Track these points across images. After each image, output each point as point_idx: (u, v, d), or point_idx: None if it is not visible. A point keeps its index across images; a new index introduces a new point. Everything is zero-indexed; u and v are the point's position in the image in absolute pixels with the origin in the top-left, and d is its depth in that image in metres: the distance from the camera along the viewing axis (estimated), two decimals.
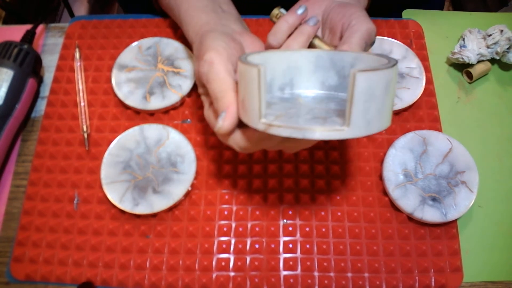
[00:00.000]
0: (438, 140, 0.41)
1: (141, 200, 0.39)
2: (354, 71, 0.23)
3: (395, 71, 0.26)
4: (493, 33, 0.46)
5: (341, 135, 0.24)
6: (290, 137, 0.25)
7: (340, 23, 0.35)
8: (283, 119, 0.26)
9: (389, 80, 0.25)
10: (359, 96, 0.23)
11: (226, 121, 0.29)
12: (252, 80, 0.25)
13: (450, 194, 0.39)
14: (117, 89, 0.45)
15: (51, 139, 0.44)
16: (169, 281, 0.38)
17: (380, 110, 0.25)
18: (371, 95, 0.24)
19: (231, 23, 0.37)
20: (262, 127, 0.26)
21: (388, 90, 0.25)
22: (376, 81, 0.24)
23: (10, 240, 0.41)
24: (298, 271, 0.38)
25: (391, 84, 0.25)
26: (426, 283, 0.38)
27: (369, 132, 0.25)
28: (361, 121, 0.24)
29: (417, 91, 0.44)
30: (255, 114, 0.26)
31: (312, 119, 0.27)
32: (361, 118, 0.24)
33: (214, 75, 0.31)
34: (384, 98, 0.25)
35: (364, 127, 0.25)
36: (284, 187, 0.42)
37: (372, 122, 0.25)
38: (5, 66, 0.43)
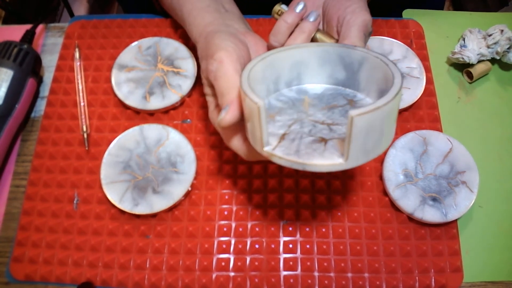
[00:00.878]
0: (438, 140, 0.41)
1: (141, 200, 0.39)
2: (351, 116, 0.23)
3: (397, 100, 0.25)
4: (493, 33, 0.46)
5: (340, 168, 0.25)
6: (291, 167, 0.26)
7: (336, 16, 0.35)
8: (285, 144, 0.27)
9: (390, 112, 0.25)
10: (357, 135, 0.24)
11: (229, 114, 0.29)
12: (254, 113, 0.26)
13: (450, 194, 0.39)
14: (117, 89, 0.45)
15: (50, 139, 0.44)
16: (169, 281, 0.38)
17: (379, 139, 0.26)
18: (370, 131, 0.24)
19: (234, 23, 0.37)
20: (265, 155, 0.27)
21: (388, 119, 0.26)
22: (375, 119, 0.24)
23: (10, 240, 0.41)
24: (298, 271, 0.38)
25: (392, 113, 0.26)
26: (426, 283, 0.38)
27: (368, 160, 0.26)
28: (360, 154, 0.25)
29: (418, 91, 0.44)
30: (259, 142, 0.27)
31: (313, 143, 0.27)
32: (360, 151, 0.25)
33: (222, 73, 0.31)
34: (384, 127, 0.25)
35: (363, 157, 0.26)
36: (284, 187, 0.42)
37: (371, 151, 0.26)
38: (4, 66, 0.43)
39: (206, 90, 0.35)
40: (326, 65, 0.33)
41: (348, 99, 0.32)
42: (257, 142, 0.27)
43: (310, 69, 0.33)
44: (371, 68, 0.31)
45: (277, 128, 0.29)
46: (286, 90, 0.34)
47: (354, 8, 0.34)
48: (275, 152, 0.26)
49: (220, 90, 0.31)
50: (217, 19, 0.37)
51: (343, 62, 0.32)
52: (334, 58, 0.32)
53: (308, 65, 0.33)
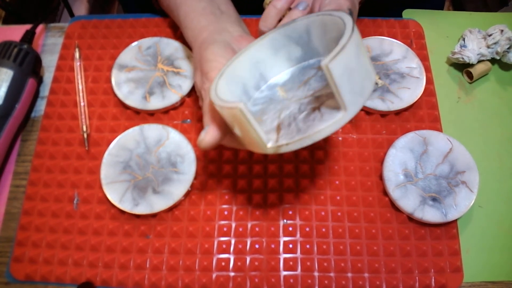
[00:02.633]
0: (438, 140, 0.41)
1: (141, 200, 0.39)
2: (325, 64, 0.23)
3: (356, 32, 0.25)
4: (493, 33, 0.46)
5: (344, 120, 0.25)
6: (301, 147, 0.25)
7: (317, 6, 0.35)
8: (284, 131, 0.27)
9: (357, 44, 0.25)
10: (341, 80, 0.24)
11: (208, 134, 0.30)
12: (240, 118, 0.26)
13: (450, 194, 0.39)
14: (117, 89, 0.45)
15: (50, 139, 0.44)
16: (169, 281, 0.38)
17: (363, 75, 0.26)
18: (350, 71, 0.24)
19: (229, 26, 0.37)
20: (272, 151, 0.26)
21: (360, 53, 0.25)
22: (348, 57, 0.24)
23: (10, 240, 0.41)
24: (298, 271, 0.38)
25: (359, 46, 0.25)
26: (426, 283, 0.38)
27: (364, 100, 0.26)
28: (353, 98, 0.25)
29: (418, 91, 0.44)
30: (260, 144, 0.26)
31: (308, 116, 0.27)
32: (352, 95, 0.25)
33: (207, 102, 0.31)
34: (360, 62, 0.25)
35: (358, 99, 0.25)
36: (284, 187, 0.42)
37: (362, 90, 0.25)
38: (5, 66, 0.43)
39: (200, 102, 0.35)
40: (280, 51, 0.33)
41: (315, 67, 0.32)
42: (258, 144, 0.27)
43: (268, 63, 0.33)
44: (319, 30, 0.30)
45: (269, 124, 0.29)
46: (257, 93, 0.33)
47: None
48: (279, 143, 0.26)
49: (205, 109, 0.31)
50: (213, 23, 0.36)
51: (292, 40, 0.32)
52: (283, 41, 0.32)
53: (264, 60, 0.33)
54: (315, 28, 0.31)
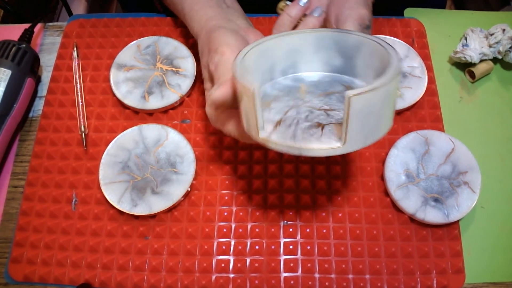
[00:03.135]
0: (440, 140, 0.41)
1: (139, 201, 0.39)
2: (349, 95, 0.22)
3: (395, 82, 0.25)
4: (495, 32, 0.46)
5: (338, 152, 0.25)
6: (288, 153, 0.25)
7: (335, 13, 0.34)
8: (281, 130, 0.26)
9: (388, 93, 0.24)
10: (355, 117, 0.23)
11: (219, 90, 0.29)
12: (248, 99, 0.25)
13: (452, 195, 0.39)
14: (116, 89, 0.44)
15: (49, 139, 0.44)
16: (168, 282, 0.38)
17: (378, 122, 0.25)
18: (368, 113, 0.24)
19: (236, 19, 0.37)
20: (261, 142, 0.26)
21: (387, 102, 0.25)
22: (373, 100, 0.23)
23: (8, 241, 0.40)
24: (298, 272, 0.38)
25: (390, 95, 0.25)
26: (428, 284, 0.37)
27: (366, 144, 0.25)
28: (358, 137, 0.24)
29: (419, 90, 0.44)
30: (254, 128, 0.26)
31: (310, 128, 0.26)
32: (358, 134, 0.24)
33: (223, 62, 0.31)
34: (382, 110, 0.25)
35: (362, 141, 0.25)
36: (284, 188, 0.41)
37: (370, 135, 0.25)
38: (3, 65, 0.43)
39: (206, 85, 0.35)
40: (322, 51, 0.32)
41: (346, 85, 0.31)
42: (252, 129, 0.27)
43: (305, 57, 0.32)
44: (368, 53, 0.30)
45: (273, 115, 0.28)
46: (282, 78, 0.33)
47: (352, 4, 0.34)
48: (271, 138, 0.26)
49: (218, 76, 0.31)
50: (219, 14, 0.36)
51: (339, 48, 0.32)
52: (329, 43, 0.32)
53: (303, 53, 0.32)
54: (365, 49, 0.30)
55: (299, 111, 0.29)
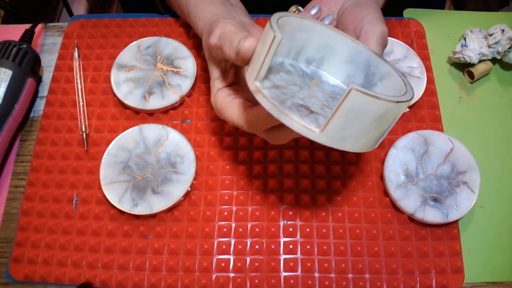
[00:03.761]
0: (439, 140, 0.41)
1: (140, 200, 0.39)
2: (352, 86, 0.22)
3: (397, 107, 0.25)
4: (494, 33, 0.46)
5: (311, 135, 0.24)
6: (269, 112, 0.25)
7: (352, 26, 0.34)
8: (275, 92, 0.26)
9: (386, 113, 0.24)
10: (344, 110, 0.23)
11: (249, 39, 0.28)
12: (266, 41, 0.25)
13: (451, 195, 0.39)
14: (116, 89, 0.44)
15: (49, 139, 0.44)
16: (168, 282, 0.38)
17: (361, 134, 0.25)
18: (359, 117, 0.24)
19: (240, 16, 0.37)
20: (252, 88, 0.26)
21: (380, 122, 0.25)
22: (369, 107, 0.23)
23: (9, 241, 0.40)
24: (298, 272, 0.38)
25: (386, 118, 0.25)
26: (427, 284, 0.38)
27: (339, 146, 0.25)
28: (336, 134, 0.24)
29: (418, 90, 0.44)
30: (254, 73, 0.26)
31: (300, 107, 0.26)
32: (337, 130, 0.24)
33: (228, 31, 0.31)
34: (372, 125, 0.25)
35: (337, 140, 0.25)
36: (284, 188, 0.41)
37: (348, 140, 0.25)
38: (4, 65, 0.43)
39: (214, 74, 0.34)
40: (351, 64, 0.32)
41: None
42: (253, 74, 0.26)
43: (334, 60, 0.32)
44: (388, 85, 0.30)
45: (277, 80, 0.28)
46: (303, 64, 0.32)
47: (371, 19, 0.33)
48: (262, 90, 0.26)
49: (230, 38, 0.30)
50: (224, 11, 0.37)
51: (367, 70, 0.31)
52: (362, 60, 0.31)
53: (335, 55, 0.32)
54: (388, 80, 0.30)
55: (300, 91, 0.29)
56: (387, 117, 0.25)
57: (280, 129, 0.31)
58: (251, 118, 0.31)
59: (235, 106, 0.32)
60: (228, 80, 0.34)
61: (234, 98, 0.33)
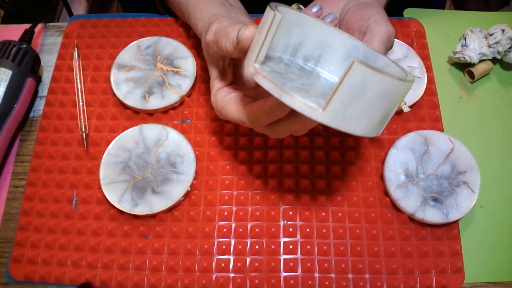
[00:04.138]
0: (439, 140, 0.41)
1: (140, 200, 0.39)
2: (355, 59, 0.21)
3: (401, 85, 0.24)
4: (494, 33, 0.46)
5: (313, 114, 0.23)
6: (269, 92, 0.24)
7: (357, 26, 0.34)
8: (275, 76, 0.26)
9: (389, 91, 0.23)
10: (347, 86, 0.22)
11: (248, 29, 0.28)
12: (266, 23, 0.25)
13: (451, 195, 0.39)
14: (116, 89, 0.44)
15: (49, 139, 0.44)
16: (168, 282, 0.38)
17: (364, 113, 0.24)
18: (361, 93, 0.23)
19: (239, 16, 0.37)
20: (251, 71, 0.26)
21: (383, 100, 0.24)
22: (372, 82, 0.22)
23: (9, 241, 0.40)
24: (298, 272, 0.38)
25: (389, 97, 0.24)
26: (427, 284, 0.38)
27: (342, 127, 0.24)
28: (338, 113, 0.23)
29: (419, 90, 0.44)
30: (253, 56, 0.26)
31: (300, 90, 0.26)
32: (340, 109, 0.23)
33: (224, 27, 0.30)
34: (375, 104, 0.24)
35: (339, 120, 0.23)
36: (285, 188, 0.41)
37: (350, 120, 0.24)
38: (3, 65, 0.43)
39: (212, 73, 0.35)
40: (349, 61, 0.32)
41: None
42: (252, 57, 0.26)
43: (332, 57, 0.32)
44: None
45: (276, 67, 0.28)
46: (301, 61, 0.32)
47: (377, 18, 0.33)
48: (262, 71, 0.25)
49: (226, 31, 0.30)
50: (223, 11, 0.37)
51: None
52: (360, 56, 0.31)
53: (333, 52, 0.31)
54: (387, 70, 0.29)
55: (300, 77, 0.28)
56: (390, 96, 0.24)
57: (281, 123, 0.30)
58: (253, 112, 0.31)
59: (236, 102, 0.32)
60: (227, 80, 0.35)
61: (234, 96, 0.33)
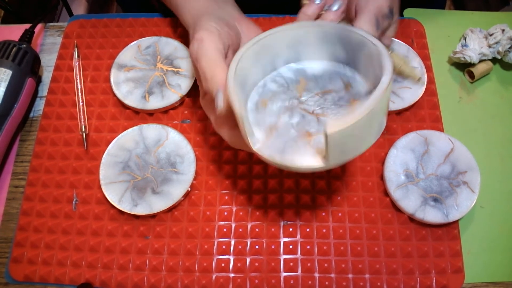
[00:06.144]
0: (439, 140, 0.41)
1: (140, 200, 0.39)
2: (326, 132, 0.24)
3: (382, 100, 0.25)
4: (494, 33, 0.46)
5: (320, 168, 0.27)
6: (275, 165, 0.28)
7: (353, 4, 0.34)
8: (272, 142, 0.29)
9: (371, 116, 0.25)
10: (334, 146, 0.25)
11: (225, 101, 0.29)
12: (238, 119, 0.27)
13: (451, 195, 0.39)
14: (116, 89, 0.44)
15: (49, 139, 0.44)
16: (168, 282, 0.38)
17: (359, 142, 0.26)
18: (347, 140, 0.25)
19: (228, 7, 0.36)
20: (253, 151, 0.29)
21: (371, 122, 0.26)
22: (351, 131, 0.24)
23: (9, 241, 0.40)
24: (298, 272, 0.38)
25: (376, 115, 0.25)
26: (428, 284, 0.38)
27: (349, 159, 0.27)
28: (339, 157, 0.26)
29: (419, 90, 0.44)
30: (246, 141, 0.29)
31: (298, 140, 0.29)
32: (339, 154, 0.26)
33: (203, 52, 0.30)
34: (362, 133, 0.26)
35: (343, 158, 0.27)
36: (284, 188, 0.41)
37: (351, 153, 0.27)
38: (3, 65, 0.43)
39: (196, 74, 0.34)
40: (327, 45, 0.32)
41: (345, 82, 0.31)
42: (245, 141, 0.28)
43: (309, 48, 0.32)
44: (368, 54, 0.30)
45: (267, 116, 0.30)
46: (285, 69, 0.33)
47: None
48: (262, 152, 0.28)
49: (204, 73, 0.30)
50: (212, 5, 0.36)
51: (343, 44, 0.31)
52: (333, 39, 0.31)
53: (307, 44, 0.32)
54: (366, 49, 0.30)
55: (292, 115, 0.30)
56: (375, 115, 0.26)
57: None
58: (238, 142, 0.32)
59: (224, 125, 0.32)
60: None
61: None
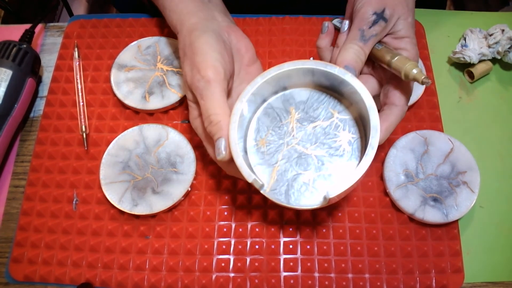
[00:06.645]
0: (439, 140, 0.41)
1: (140, 200, 0.39)
2: (327, 197, 0.29)
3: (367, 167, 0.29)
4: (494, 33, 0.46)
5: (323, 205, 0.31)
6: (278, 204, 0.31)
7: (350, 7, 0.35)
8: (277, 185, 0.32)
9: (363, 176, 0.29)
10: (333, 199, 0.30)
11: (228, 149, 0.30)
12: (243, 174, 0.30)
13: (451, 195, 0.39)
14: (116, 89, 0.44)
15: (49, 139, 0.44)
16: (168, 282, 0.38)
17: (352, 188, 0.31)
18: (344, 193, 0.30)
19: (217, 15, 0.37)
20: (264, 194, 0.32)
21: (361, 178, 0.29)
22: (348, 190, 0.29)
23: (9, 241, 0.40)
24: (298, 272, 0.38)
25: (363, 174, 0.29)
26: (427, 283, 0.38)
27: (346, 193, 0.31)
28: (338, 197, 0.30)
29: (418, 90, 0.44)
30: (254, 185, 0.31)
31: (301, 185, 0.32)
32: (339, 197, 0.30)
33: (210, 94, 0.31)
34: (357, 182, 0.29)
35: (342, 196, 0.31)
36: None
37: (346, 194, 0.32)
38: (4, 65, 0.43)
39: (189, 96, 0.35)
40: (311, 77, 0.33)
41: (331, 110, 0.34)
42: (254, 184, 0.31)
43: (294, 79, 0.34)
44: (351, 92, 0.32)
45: (268, 157, 0.33)
46: (274, 99, 0.35)
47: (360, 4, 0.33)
48: (269, 196, 0.31)
49: (207, 114, 0.31)
50: (201, 9, 0.36)
51: (327, 77, 0.33)
52: (318, 73, 0.33)
53: (292, 76, 0.33)
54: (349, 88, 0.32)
55: (290, 155, 0.33)
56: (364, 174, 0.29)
57: None
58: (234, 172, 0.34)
59: None
60: None
61: None
